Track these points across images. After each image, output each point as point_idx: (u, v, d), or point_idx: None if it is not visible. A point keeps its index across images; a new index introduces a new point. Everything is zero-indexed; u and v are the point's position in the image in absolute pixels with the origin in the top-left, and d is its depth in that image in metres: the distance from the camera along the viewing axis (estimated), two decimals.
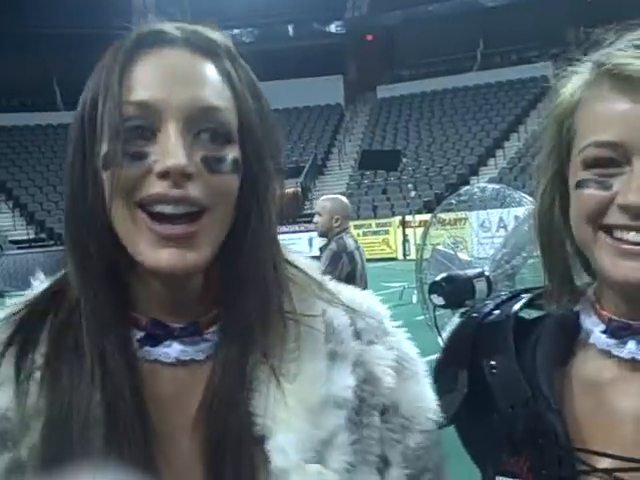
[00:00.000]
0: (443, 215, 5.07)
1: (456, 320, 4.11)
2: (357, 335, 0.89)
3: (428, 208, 23.73)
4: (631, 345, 0.86)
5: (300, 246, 21.13)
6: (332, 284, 0.94)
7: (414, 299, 11.35)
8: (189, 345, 0.85)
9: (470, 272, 4.16)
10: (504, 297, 1.05)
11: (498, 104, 32.26)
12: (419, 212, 20.97)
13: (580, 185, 0.84)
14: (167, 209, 0.79)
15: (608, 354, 0.88)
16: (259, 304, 0.84)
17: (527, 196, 4.47)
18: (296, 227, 21.82)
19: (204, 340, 0.86)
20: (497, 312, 1.01)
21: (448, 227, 5.21)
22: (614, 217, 0.81)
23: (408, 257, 18.39)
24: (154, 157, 0.79)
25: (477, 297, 4.09)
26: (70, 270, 0.85)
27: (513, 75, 33.17)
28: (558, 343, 0.93)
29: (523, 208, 4.34)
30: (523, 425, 0.88)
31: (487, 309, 1.02)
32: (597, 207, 0.82)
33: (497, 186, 4.61)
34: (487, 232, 5.24)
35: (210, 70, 0.84)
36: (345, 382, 0.85)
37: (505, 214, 5.04)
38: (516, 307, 0.99)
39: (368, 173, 28.20)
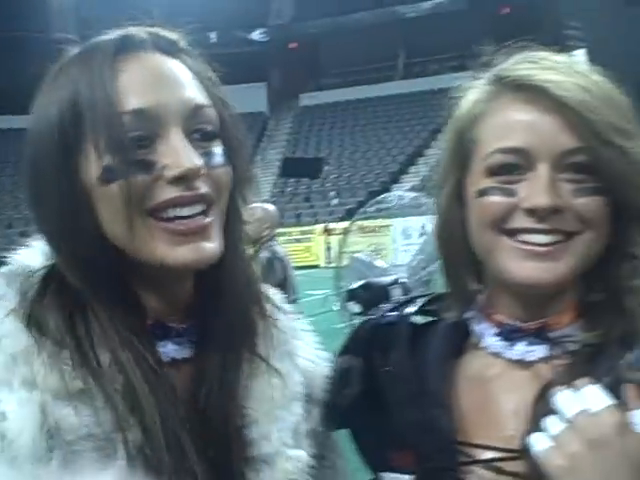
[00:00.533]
0: (365, 223, 5.10)
1: None
2: (294, 335, 1.00)
3: (351, 215, 23.91)
4: (520, 347, 0.90)
5: None
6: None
7: (335, 307, 11.40)
8: (179, 345, 0.89)
9: (386, 279, 4.18)
10: (400, 301, 1.08)
11: (420, 113, 32.82)
12: (342, 220, 21.11)
13: (483, 193, 0.86)
14: (184, 211, 0.82)
15: (498, 355, 0.92)
16: (242, 301, 0.91)
17: None
18: None
19: (189, 340, 0.90)
20: (393, 314, 1.04)
21: (369, 235, 5.24)
22: (520, 221, 0.84)
23: (331, 265, 18.46)
24: (162, 163, 0.81)
25: None
26: (79, 286, 0.84)
27: (434, 85, 33.83)
28: (449, 345, 0.96)
29: None
30: (410, 419, 0.92)
31: (383, 311, 1.06)
32: (502, 213, 0.84)
33: (415, 194, 4.65)
34: (408, 239, 5.30)
35: (183, 70, 0.87)
36: (296, 378, 0.96)
37: (427, 222, 5.07)
38: (411, 310, 1.03)
39: (291, 181, 28.26)
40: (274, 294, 1.02)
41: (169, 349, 0.88)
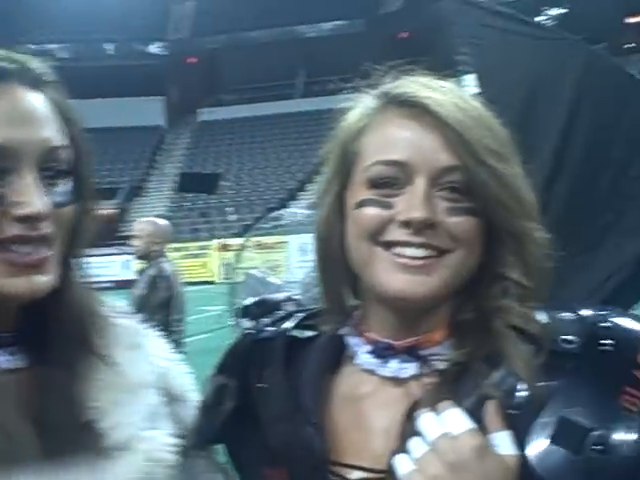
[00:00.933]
0: (262, 239, 5.08)
1: None
2: (138, 333, 1.05)
3: (248, 232, 23.89)
4: (393, 364, 0.90)
5: (113, 269, 20.48)
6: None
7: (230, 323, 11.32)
8: (11, 355, 0.91)
9: (280, 296, 4.12)
10: (279, 315, 1.07)
11: (318, 132, 33.14)
12: (239, 236, 21.02)
13: (361, 205, 0.87)
14: (26, 249, 0.84)
15: (371, 372, 0.91)
16: (79, 303, 0.94)
17: None
18: (111, 250, 21.08)
19: (22, 349, 0.91)
20: (271, 329, 1.03)
21: (265, 251, 5.22)
22: (395, 234, 0.84)
23: (227, 281, 18.33)
24: (11, 199, 0.82)
25: None
26: None
27: (333, 104, 34.25)
28: (325, 361, 0.96)
29: None
30: (284, 436, 0.91)
31: (262, 326, 1.05)
32: (378, 225, 0.85)
33: (308, 211, 4.65)
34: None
35: (45, 106, 0.87)
36: (144, 367, 1.00)
37: (292, 240, 5.08)
38: (289, 325, 1.02)
39: (188, 196, 27.97)
40: (116, 303, 1.07)
41: (3, 360, 0.90)
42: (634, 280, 1.75)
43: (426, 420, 0.80)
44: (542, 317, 0.87)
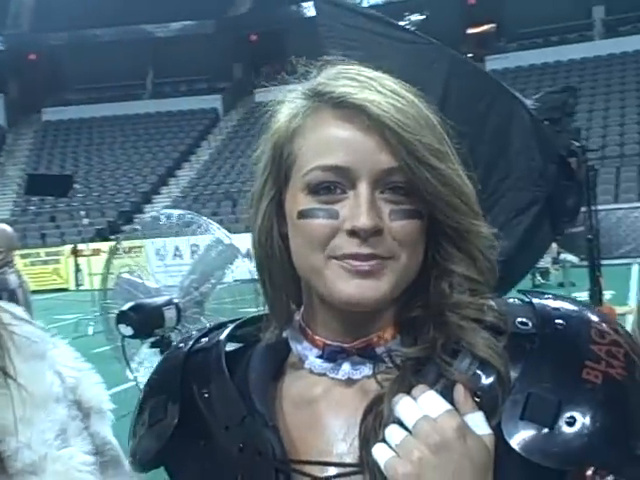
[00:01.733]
0: (125, 243, 4.92)
1: (145, 350, 3.96)
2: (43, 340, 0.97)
3: (101, 236, 23.06)
4: (346, 367, 0.89)
5: None
6: None
7: (90, 330, 10.93)
8: None
9: (159, 300, 4.06)
10: (210, 327, 1.06)
11: (169, 133, 32.57)
12: (92, 240, 20.28)
13: (306, 214, 0.85)
14: None
15: (321, 374, 0.90)
16: None
17: (214, 223, 4.50)
18: None
19: None
20: (205, 340, 1.02)
21: (132, 255, 5.06)
22: (342, 245, 0.83)
23: (81, 287, 17.62)
24: None
25: (167, 325, 4.00)
26: None
27: (184, 106, 33.80)
28: (270, 365, 0.95)
29: (210, 235, 4.35)
30: (239, 443, 0.88)
31: (193, 339, 1.03)
32: (325, 235, 0.84)
33: (183, 212, 4.57)
34: (163, 260, 5.18)
35: None
36: (50, 378, 0.91)
37: (183, 242, 5.03)
38: (224, 334, 1.00)
39: (35, 199, 26.62)
40: (13, 307, 0.98)
41: None
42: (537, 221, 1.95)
43: (403, 405, 0.80)
44: (493, 304, 0.88)
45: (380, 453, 0.79)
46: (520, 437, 0.79)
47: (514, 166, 2.86)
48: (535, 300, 0.90)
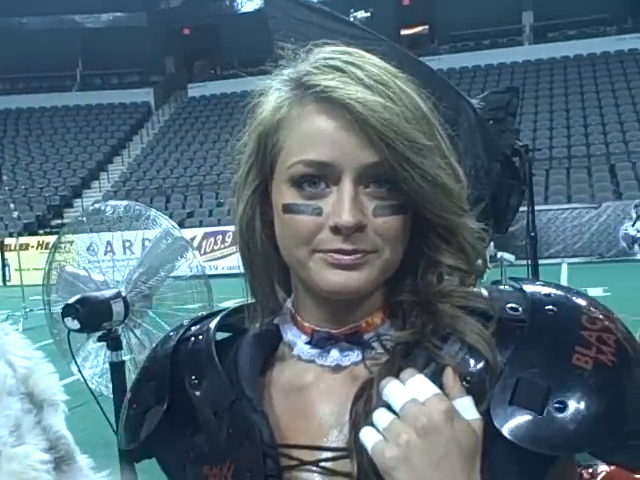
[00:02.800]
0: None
1: (91, 344, 3.88)
2: None
3: (29, 230, 22.45)
4: (334, 353, 0.90)
5: None
6: None
7: (20, 327, 10.63)
8: None
9: (107, 293, 3.98)
10: (201, 316, 1.06)
11: (100, 127, 31.94)
12: (20, 235, 19.70)
13: (291, 210, 0.85)
14: None
15: (310, 361, 0.91)
16: None
17: (162, 215, 4.44)
18: None
19: None
20: (195, 328, 1.02)
21: (69, 249, 4.93)
22: (326, 241, 0.84)
23: (9, 283, 17.09)
24: None
25: (114, 319, 3.94)
26: None
27: (115, 99, 33.20)
28: (259, 352, 0.95)
29: (159, 227, 4.29)
30: (228, 428, 0.89)
31: (183, 328, 1.03)
32: (309, 232, 0.84)
33: (130, 203, 4.49)
34: (94, 256, 5.05)
35: None
36: (4, 371, 0.87)
37: (116, 237, 4.94)
38: (214, 322, 1.00)
39: None
40: None
41: None
42: (482, 220, 2.01)
43: (392, 388, 0.80)
44: (483, 291, 0.90)
45: (368, 436, 0.79)
46: (509, 422, 0.79)
47: (461, 164, 2.93)
48: (526, 286, 0.90)
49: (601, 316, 0.86)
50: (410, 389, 0.79)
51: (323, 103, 0.84)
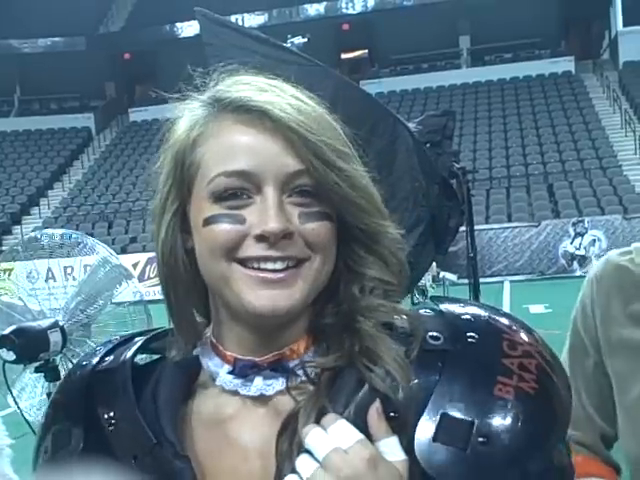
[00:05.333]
0: (5, 265, 4.69)
1: (28, 375, 3.79)
2: None
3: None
4: (258, 382, 0.85)
5: None
6: None
7: None
8: None
9: (43, 323, 3.90)
10: (116, 342, 0.99)
11: (40, 152, 31.40)
12: None
13: (210, 221, 0.81)
14: None
15: (233, 392, 0.86)
16: None
17: (100, 242, 4.38)
18: None
19: None
20: (110, 358, 0.95)
21: (6, 278, 4.83)
22: (251, 249, 0.80)
23: None
24: None
25: (52, 349, 3.85)
26: None
27: (54, 124, 32.71)
28: (179, 386, 0.89)
29: (96, 255, 4.23)
30: (149, 475, 0.83)
31: (98, 356, 0.95)
32: (232, 241, 0.80)
33: (67, 231, 4.42)
34: (33, 283, 4.96)
35: None
36: None
37: (54, 264, 4.85)
38: (130, 352, 0.93)
39: None
40: None
41: None
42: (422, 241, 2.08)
43: (314, 437, 0.76)
44: (406, 310, 0.87)
45: None
46: (434, 461, 0.77)
47: (399, 187, 2.96)
48: (446, 308, 0.88)
49: (522, 339, 0.84)
50: (332, 436, 0.76)
51: (240, 114, 0.82)
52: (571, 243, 19.06)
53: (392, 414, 0.78)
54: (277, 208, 0.79)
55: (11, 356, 3.73)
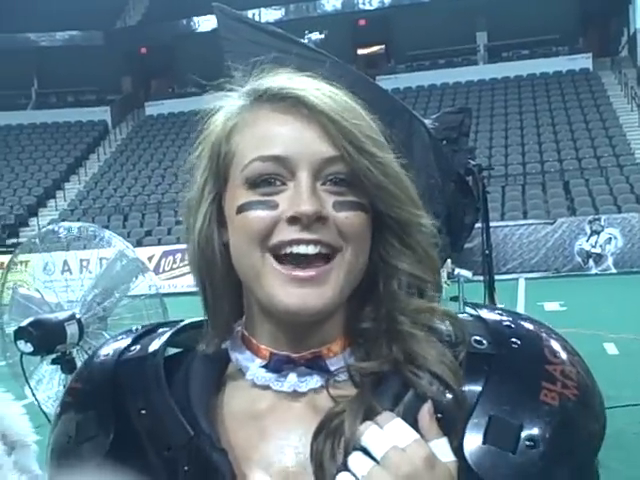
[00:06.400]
0: (23, 257, 4.73)
1: (45, 367, 3.83)
2: None
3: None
4: (292, 378, 0.85)
5: None
6: None
7: None
8: None
9: (61, 315, 3.93)
10: (140, 331, 0.98)
11: (56, 145, 31.57)
12: None
13: (244, 208, 0.81)
14: None
15: (265, 387, 0.86)
16: None
17: (117, 236, 4.41)
18: None
19: None
20: (136, 347, 0.94)
21: (23, 269, 4.87)
22: (283, 233, 0.80)
23: None
24: None
25: (69, 341, 3.89)
26: None
27: (71, 117, 32.88)
28: (210, 379, 0.89)
29: (113, 248, 4.26)
30: (184, 466, 0.82)
31: (123, 346, 0.94)
32: (265, 227, 0.80)
33: (84, 224, 4.45)
34: (50, 275, 5.01)
35: None
36: None
37: (71, 256, 4.89)
38: (161, 342, 0.93)
39: None
40: None
41: None
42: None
43: (371, 434, 0.76)
44: (448, 310, 0.87)
45: None
46: (483, 462, 0.78)
47: (415, 184, 2.97)
48: (485, 315, 0.89)
49: (560, 347, 0.86)
50: (389, 435, 0.76)
51: (275, 102, 0.83)
52: (587, 241, 18.95)
53: (439, 415, 0.79)
54: (310, 192, 0.79)
55: (29, 348, 3.77)
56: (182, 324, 0.97)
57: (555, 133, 25.25)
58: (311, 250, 0.80)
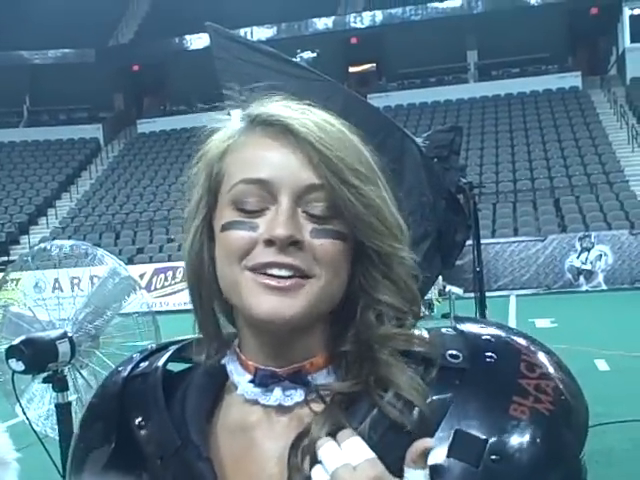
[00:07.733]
0: (14, 275, 4.71)
1: (36, 385, 3.81)
2: None
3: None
4: (277, 392, 0.88)
5: None
6: None
7: None
8: None
9: (52, 333, 3.92)
10: (151, 349, 1.04)
11: (48, 163, 31.53)
12: None
13: (227, 227, 0.85)
14: None
15: (254, 401, 0.89)
16: None
17: (109, 254, 4.40)
18: None
19: None
20: (144, 364, 1.00)
21: (15, 287, 4.85)
22: (260, 255, 0.83)
23: None
24: None
25: (60, 360, 3.87)
26: None
27: (63, 135, 32.89)
28: (207, 393, 0.93)
29: (105, 266, 4.26)
30: (173, 475, 0.88)
31: (133, 363, 1.01)
32: (244, 247, 0.84)
33: (76, 242, 4.44)
34: (40, 293, 4.98)
35: None
36: None
37: (63, 274, 4.88)
38: (163, 359, 0.98)
39: None
40: None
41: None
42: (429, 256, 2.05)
43: (326, 450, 0.79)
44: (424, 334, 0.89)
45: None
46: (446, 476, 0.78)
47: (407, 202, 3.00)
48: (467, 329, 0.91)
49: (541, 361, 0.86)
50: (344, 452, 0.78)
51: (266, 128, 0.87)
52: (577, 258, 19.02)
53: (407, 430, 0.80)
54: (287, 216, 0.82)
55: (20, 366, 3.75)
56: (189, 339, 1.01)
57: (545, 151, 25.39)
58: (284, 273, 0.83)
